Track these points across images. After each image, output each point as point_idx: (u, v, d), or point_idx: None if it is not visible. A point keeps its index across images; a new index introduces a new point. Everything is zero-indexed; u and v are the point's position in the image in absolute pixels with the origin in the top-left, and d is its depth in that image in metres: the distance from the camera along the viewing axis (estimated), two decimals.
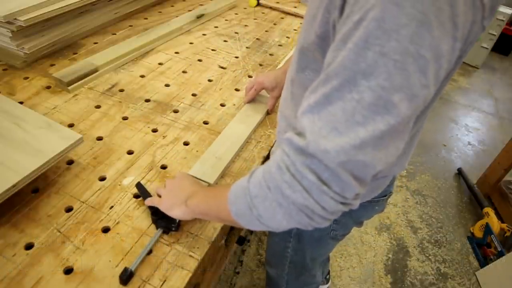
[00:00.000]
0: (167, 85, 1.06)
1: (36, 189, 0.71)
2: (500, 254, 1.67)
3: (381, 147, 0.40)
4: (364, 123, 0.39)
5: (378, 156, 0.41)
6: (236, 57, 1.24)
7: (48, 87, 0.99)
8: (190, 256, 0.64)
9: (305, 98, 0.44)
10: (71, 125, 0.87)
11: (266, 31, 1.44)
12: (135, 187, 0.73)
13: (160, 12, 1.46)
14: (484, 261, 1.75)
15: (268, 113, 0.99)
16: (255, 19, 1.53)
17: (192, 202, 0.62)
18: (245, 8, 1.62)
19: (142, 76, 1.08)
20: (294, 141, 0.42)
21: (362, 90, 0.38)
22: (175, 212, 0.64)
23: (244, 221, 0.50)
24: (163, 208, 0.65)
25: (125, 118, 0.92)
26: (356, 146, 0.39)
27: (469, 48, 0.45)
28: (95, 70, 1.04)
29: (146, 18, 1.40)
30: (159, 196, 0.69)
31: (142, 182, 0.75)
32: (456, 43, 0.39)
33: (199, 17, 1.40)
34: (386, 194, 0.79)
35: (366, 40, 0.37)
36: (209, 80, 1.11)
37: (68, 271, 0.59)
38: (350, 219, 0.80)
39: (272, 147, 0.89)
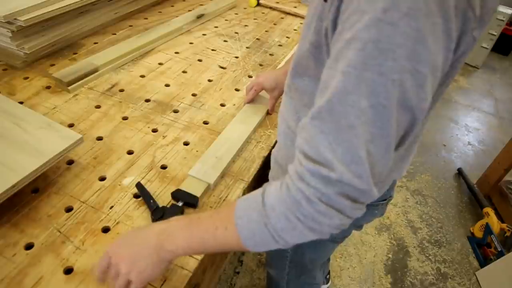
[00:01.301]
0: (167, 85, 1.06)
1: (36, 189, 0.71)
2: (500, 254, 1.67)
3: (389, 155, 0.44)
4: (374, 141, 0.41)
5: (388, 163, 0.44)
6: (236, 57, 1.24)
7: (48, 87, 0.99)
8: (190, 256, 0.64)
9: (311, 124, 0.44)
10: (71, 125, 0.87)
11: (266, 31, 1.44)
12: (135, 187, 0.73)
13: (160, 12, 1.46)
14: (484, 261, 1.75)
15: (268, 113, 0.99)
16: (255, 19, 1.54)
17: (175, 245, 0.52)
18: (245, 8, 1.62)
19: (142, 76, 1.08)
20: (321, 173, 0.42)
21: (366, 112, 0.40)
22: (159, 268, 0.53)
23: (264, 248, 0.50)
24: (142, 279, 0.52)
25: (125, 118, 0.92)
26: (376, 164, 0.42)
27: (462, 58, 0.46)
28: (95, 70, 1.04)
29: (146, 18, 1.40)
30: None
31: (142, 182, 0.75)
32: (450, 53, 0.41)
33: (199, 17, 1.40)
34: (385, 198, 0.78)
35: (364, 62, 0.38)
36: (209, 80, 1.11)
37: (68, 271, 0.59)
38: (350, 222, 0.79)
39: (272, 147, 0.89)
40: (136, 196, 0.73)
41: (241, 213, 0.49)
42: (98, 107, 0.94)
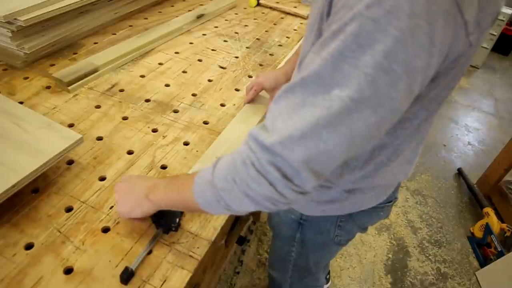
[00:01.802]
0: (167, 85, 1.06)
1: (36, 189, 0.71)
2: (500, 254, 1.67)
3: (344, 150, 0.43)
4: (329, 129, 0.41)
5: (339, 157, 0.44)
6: (236, 57, 1.24)
7: (48, 87, 0.99)
8: (190, 256, 0.64)
9: (281, 96, 0.45)
10: (71, 125, 0.87)
11: (266, 31, 1.44)
12: None
13: (160, 12, 1.46)
14: (484, 261, 1.75)
15: None
16: (255, 19, 1.54)
17: (155, 196, 0.60)
18: (245, 8, 1.62)
19: (142, 76, 1.08)
20: (260, 138, 0.44)
21: (333, 99, 0.40)
22: (139, 210, 0.62)
23: (212, 210, 0.53)
24: (124, 213, 0.63)
25: (125, 118, 0.92)
26: (321, 150, 0.42)
27: (460, 62, 0.46)
28: (95, 70, 1.04)
29: (146, 18, 1.40)
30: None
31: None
32: (433, 58, 0.40)
33: (199, 17, 1.40)
34: (391, 200, 0.78)
35: (342, 53, 0.39)
36: (209, 80, 1.11)
37: (68, 271, 0.59)
38: (355, 225, 0.79)
39: None
40: None
41: (200, 173, 0.53)
42: (98, 107, 0.94)
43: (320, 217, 0.76)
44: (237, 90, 1.08)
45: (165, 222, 0.65)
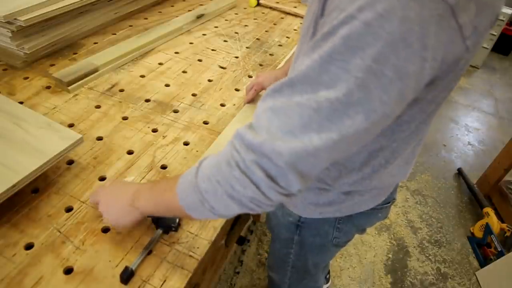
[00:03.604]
0: (167, 85, 1.06)
1: (36, 189, 0.71)
2: (500, 254, 1.67)
3: (333, 152, 0.42)
4: (318, 131, 0.40)
5: (327, 159, 0.43)
6: (236, 57, 1.24)
7: (48, 87, 0.99)
8: (190, 256, 0.64)
9: (268, 95, 0.44)
10: (71, 125, 0.87)
11: (266, 31, 1.44)
12: None
13: (160, 12, 1.46)
14: (484, 261, 1.75)
15: None
16: (255, 19, 1.54)
17: (140, 203, 0.59)
18: (245, 8, 1.62)
19: (142, 76, 1.08)
20: (246, 138, 0.43)
21: (321, 101, 0.40)
22: (126, 219, 0.60)
23: (197, 214, 0.51)
24: (111, 221, 0.61)
25: (125, 118, 0.92)
26: (309, 151, 0.41)
27: (457, 65, 0.45)
28: (95, 70, 1.04)
29: (146, 18, 1.40)
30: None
31: (142, 182, 0.75)
32: (426, 63, 0.39)
33: (199, 17, 1.40)
34: (389, 201, 0.78)
35: (331, 55, 0.39)
36: (209, 80, 1.11)
37: (68, 271, 0.59)
38: (353, 226, 0.79)
39: None
40: None
41: (183, 175, 0.52)
42: (98, 107, 0.94)
43: (318, 219, 0.76)
44: (237, 90, 1.09)
45: (165, 222, 0.65)
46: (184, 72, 1.13)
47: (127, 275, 0.58)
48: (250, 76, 1.16)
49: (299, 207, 0.75)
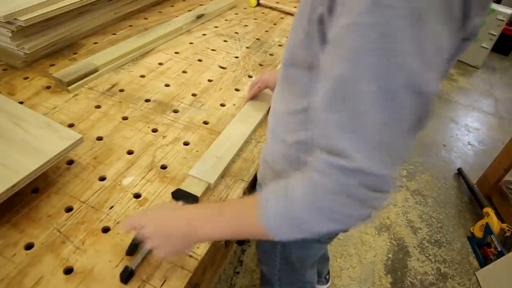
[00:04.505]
0: (167, 85, 1.06)
1: (36, 189, 0.71)
2: (500, 254, 1.67)
3: (406, 140, 0.43)
4: (386, 125, 0.40)
5: (406, 148, 0.43)
6: (236, 57, 1.24)
7: (48, 87, 0.99)
8: (190, 256, 0.64)
9: (322, 115, 0.43)
10: (71, 125, 0.87)
11: (266, 31, 1.44)
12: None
13: (160, 12, 1.46)
14: (484, 261, 1.75)
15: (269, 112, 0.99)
16: (255, 19, 1.54)
17: (204, 231, 0.54)
18: (245, 8, 1.62)
19: (142, 76, 1.08)
20: (340, 164, 0.42)
21: (374, 97, 0.39)
22: (183, 249, 0.58)
23: (287, 237, 0.50)
24: (167, 253, 0.57)
25: (125, 118, 0.92)
26: (390, 149, 0.42)
27: (454, 58, 0.45)
28: (95, 70, 1.04)
29: (146, 18, 1.40)
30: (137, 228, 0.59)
31: (142, 182, 0.75)
32: (455, 34, 0.39)
33: (199, 17, 1.40)
34: None
35: (365, 47, 0.37)
36: (209, 80, 1.11)
37: (68, 271, 0.59)
38: None
39: None
40: (136, 196, 0.73)
41: (265, 204, 0.50)
42: (98, 107, 0.94)
43: None
44: (237, 90, 1.09)
45: None
46: (184, 72, 1.13)
47: (127, 275, 0.58)
48: (250, 76, 1.16)
49: None
